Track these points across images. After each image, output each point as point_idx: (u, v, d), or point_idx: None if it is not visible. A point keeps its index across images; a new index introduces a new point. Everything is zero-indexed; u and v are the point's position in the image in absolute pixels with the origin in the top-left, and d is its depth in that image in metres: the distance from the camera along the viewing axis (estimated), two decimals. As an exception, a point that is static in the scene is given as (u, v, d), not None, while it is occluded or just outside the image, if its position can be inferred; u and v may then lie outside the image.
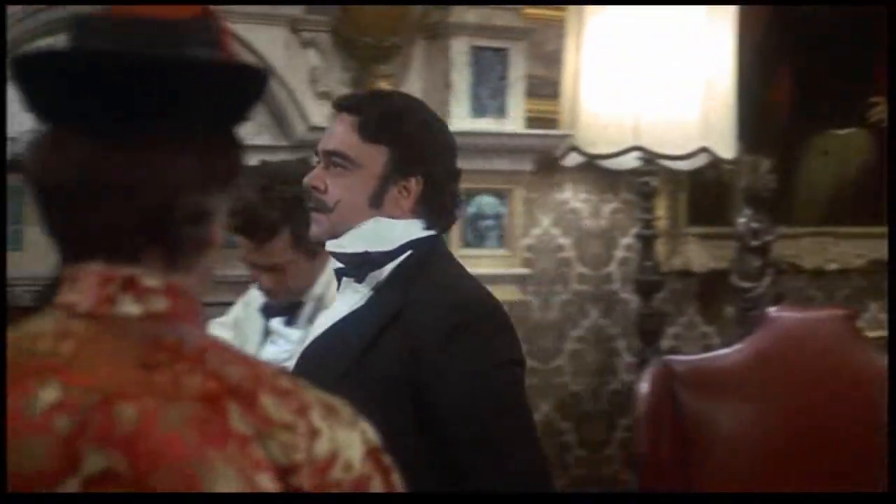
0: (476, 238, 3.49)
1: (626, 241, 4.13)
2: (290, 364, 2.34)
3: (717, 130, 3.66)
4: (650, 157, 3.67)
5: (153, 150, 1.14)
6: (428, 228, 2.02)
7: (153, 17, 1.16)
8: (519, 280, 3.61)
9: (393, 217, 1.99)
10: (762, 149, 4.12)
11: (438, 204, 2.03)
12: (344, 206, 1.98)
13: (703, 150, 3.64)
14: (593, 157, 3.72)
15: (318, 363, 1.97)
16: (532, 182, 3.82)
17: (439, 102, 3.42)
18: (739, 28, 3.75)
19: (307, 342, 2.10)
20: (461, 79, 3.40)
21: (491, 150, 3.46)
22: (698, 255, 4.21)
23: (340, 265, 2.03)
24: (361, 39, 3.29)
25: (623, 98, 3.62)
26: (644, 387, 3.43)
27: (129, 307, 1.14)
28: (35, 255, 2.99)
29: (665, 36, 3.60)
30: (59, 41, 2.83)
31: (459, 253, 3.45)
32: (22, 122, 2.83)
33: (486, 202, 3.51)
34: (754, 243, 4.01)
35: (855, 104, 4.39)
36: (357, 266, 2.00)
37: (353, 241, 1.99)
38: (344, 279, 2.05)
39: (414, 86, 3.46)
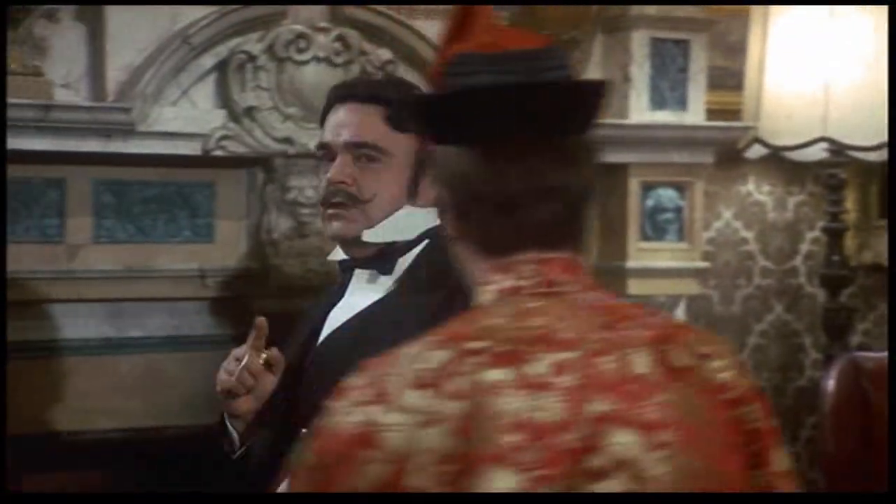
0: (655, 231, 3.46)
1: (813, 234, 4.03)
2: None
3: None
4: (838, 149, 3.57)
5: (574, 155, 1.42)
6: None
7: (521, 49, 1.41)
8: (699, 274, 3.56)
9: (423, 206, 1.93)
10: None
11: None
12: (383, 199, 1.94)
13: None
14: (778, 149, 3.64)
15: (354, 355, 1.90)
16: (713, 175, 3.76)
17: (618, 96, 3.40)
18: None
19: (323, 336, 2.06)
20: (641, 71, 3.38)
21: (670, 142, 3.42)
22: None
23: (350, 258, 1.99)
24: (540, 34, 3.29)
25: (809, 88, 3.53)
26: (830, 384, 3.33)
27: (572, 285, 1.38)
28: (225, 247, 3.12)
29: (855, 23, 3.49)
30: (246, 41, 2.96)
31: (638, 246, 3.45)
32: (211, 120, 2.95)
33: (666, 195, 3.47)
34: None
35: None
36: (381, 258, 1.94)
37: (388, 232, 1.95)
38: (357, 272, 1.99)
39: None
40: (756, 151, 3.69)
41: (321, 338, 2.03)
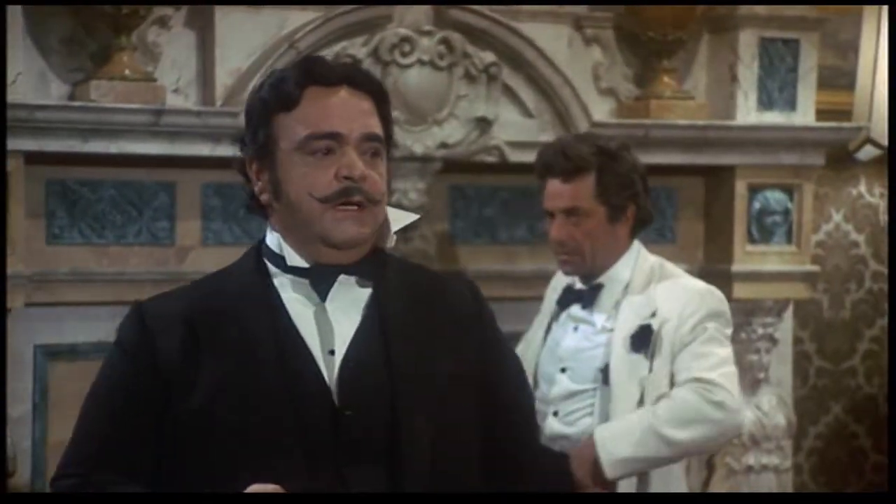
0: (762, 234, 3.40)
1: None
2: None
3: None
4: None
5: None
6: None
7: None
8: (808, 277, 3.49)
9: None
10: None
11: None
12: (384, 199, 1.69)
13: None
14: (890, 150, 3.55)
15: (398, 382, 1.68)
16: (823, 176, 3.68)
17: (725, 97, 3.35)
18: None
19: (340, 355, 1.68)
20: (749, 72, 3.32)
21: (779, 143, 3.37)
22: None
23: (335, 264, 1.67)
24: (645, 34, 3.27)
25: (923, 87, 3.44)
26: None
27: None
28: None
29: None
30: (352, 45, 2.98)
31: (745, 249, 3.39)
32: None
33: (774, 197, 3.41)
34: None
35: None
36: (370, 263, 1.70)
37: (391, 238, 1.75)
38: (342, 278, 1.66)
39: (698, 80, 3.41)
40: (867, 152, 3.61)
41: (340, 357, 1.67)
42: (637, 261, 2.55)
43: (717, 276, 3.36)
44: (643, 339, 2.47)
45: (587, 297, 2.56)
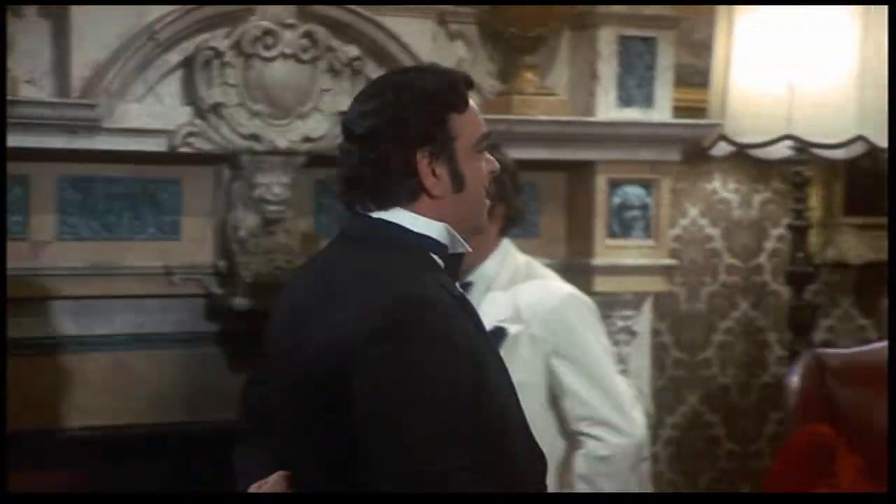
0: (622, 229, 3.47)
1: (778, 231, 4.06)
2: None
3: (873, 118, 3.55)
4: (803, 146, 3.59)
5: None
6: None
7: None
8: (666, 271, 3.58)
9: None
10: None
11: None
12: None
13: (859, 138, 3.54)
14: (743, 147, 3.66)
15: None
16: (680, 172, 3.77)
17: (586, 93, 3.41)
18: (898, 12, 3.63)
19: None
20: (608, 69, 3.38)
21: (637, 140, 3.43)
22: (854, 246, 4.11)
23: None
24: (508, 30, 3.30)
25: (774, 85, 3.55)
26: (795, 380, 3.37)
27: None
28: (191, 245, 3.11)
29: (819, 22, 3.52)
30: (213, 37, 2.93)
31: (605, 244, 3.46)
32: (178, 116, 2.93)
33: (633, 192, 3.48)
34: (914, 234, 3.88)
35: None
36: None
37: None
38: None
39: (560, 76, 3.46)
40: (722, 149, 3.70)
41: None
42: (505, 259, 2.57)
43: (579, 270, 3.41)
44: (496, 338, 2.49)
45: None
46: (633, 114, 3.42)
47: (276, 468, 1.81)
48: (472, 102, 1.85)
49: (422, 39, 3.22)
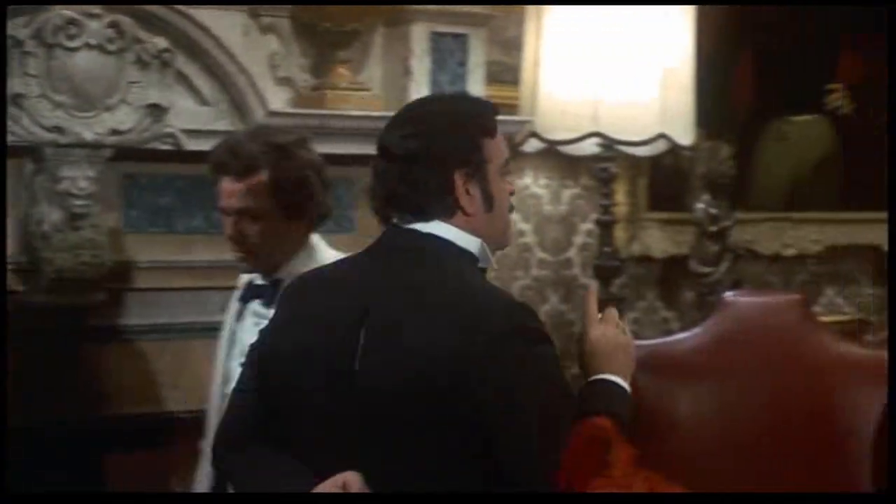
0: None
1: (586, 226, 4.16)
2: None
3: (675, 117, 3.69)
4: (609, 144, 3.70)
5: None
6: None
7: None
8: (479, 265, 3.62)
9: None
10: (722, 135, 4.16)
11: None
12: None
13: (662, 136, 3.66)
14: (553, 143, 3.74)
15: None
16: (492, 168, 3.83)
17: (399, 88, 3.42)
18: (699, 14, 3.77)
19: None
20: (421, 65, 3.41)
21: (451, 135, 3.47)
22: (658, 241, 4.25)
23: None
24: (321, 25, 3.29)
25: (582, 84, 3.64)
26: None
27: None
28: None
29: (624, 22, 3.63)
30: (12, 26, 2.83)
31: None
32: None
33: (446, 188, 3.51)
34: (713, 229, 4.05)
35: (815, 91, 4.44)
36: None
37: None
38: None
39: (374, 72, 3.47)
40: (532, 145, 3.78)
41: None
42: (314, 256, 2.56)
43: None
44: None
45: (267, 292, 2.55)
46: (445, 110, 3.45)
47: (327, 469, 1.87)
48: (499, 129, 2.01)
49: (233, 33, 3.18)
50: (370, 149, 3.35)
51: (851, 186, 4.51)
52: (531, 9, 3.73)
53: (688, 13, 3.73)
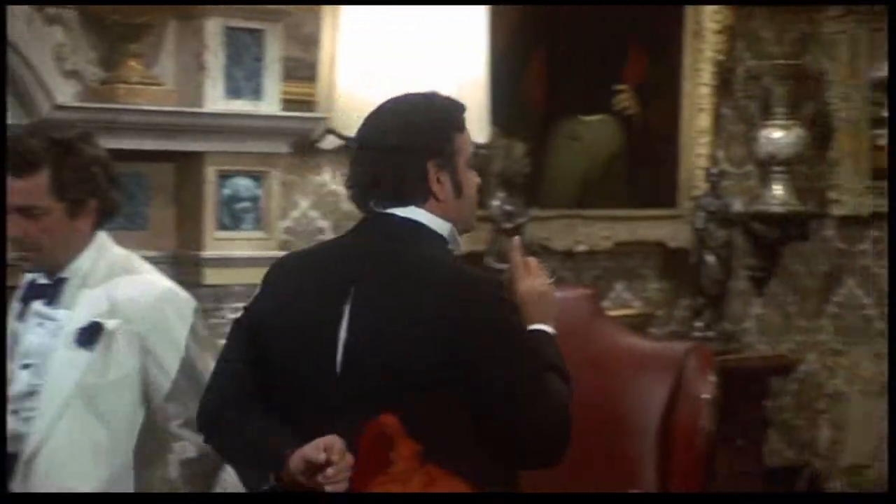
0: (232, 221, 3.46)
1: (385, 223, 4.18)
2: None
3: (470, 115, 3.70)
4: (406, 141, 3.72)
5: None
6: None
7: None
8: (276, 262, 3.59)
9: None
10: (516, 133, 4.24)
11: None
12: None
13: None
14: (350, 140, 3.73)
15: None
16: (290, 164, 3.81)
17: (193, 83, 3.37)
18: (493, 13, 3.84)
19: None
20: (215, 60, 3.36)
21: (246, 131, 3.44)
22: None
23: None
24: (110, 17, 3.20)
25: (379, 82, 3.65)
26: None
27: None
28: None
29: (419, 20, 3.66)
30: None
31: (215, 236, 3.44)
32: None
33: (243, 184, 3.48)
34: (507, 225, 4.12)
35: (604, 91, 4.58)
36: None
37: None
38: None
39: (167, 66, 3.40)
40: (330, 142, 3.77)
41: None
42: (101, 253, 2.50)
43: (189, 262, 3.38)
44: (91, 335, 2.42)
45: (50, 292, 2.47)
46: (241, 105, 3.42)
47: (314, 434, 1.99)
48: (465, 126, 2.25)
49: (15, 23, 3.06)
50: (164, 144, 3.32)
51: (637, 185, 4.67)
52: (327, 6, 3.72)
53: (482, 13, 3.79)
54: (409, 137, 2.17)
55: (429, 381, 2.03)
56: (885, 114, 4.76)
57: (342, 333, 2.07)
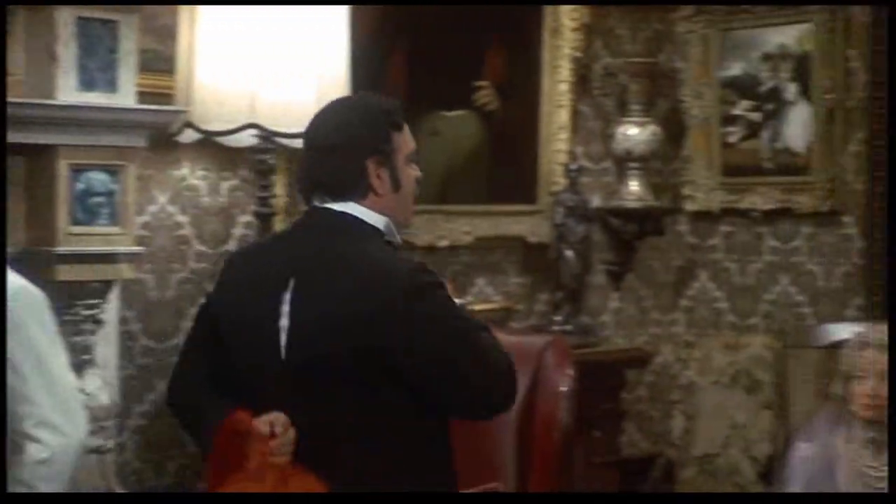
0: (87, 216, 3.38)
1: (245, 218, 4.14)
2: None
3: (331, 110, 3.72)
4: (266, 135, 3.70)
5: None
6: None
7: None
8: (133, 258, 3.53)
9: None
10: (377, 129, 4.24)
11: None
12: None
13: (318, 129, 3.69)
14: (209, 134, 3.70)
15: None
16: (147, 158, 3.74)
17: (45, 75, 3.28)
18: (354, 10, 3.84)
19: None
20: (67, 51, 3.27)
21: (101, 124, 3.35)
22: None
23: None
24: (-48, 5, 3.09)
25: (239, 76, 3.62)
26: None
27: None
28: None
29: (280, 15, 3.63)
30: None
31: (69, 230, 3.35)
32: None
33: (97, 178, 3.40)
34: (369, 220, 4.12)
35: (464, 88, 4.61)
36: None
37: None
38: None
39: (16, 57, 3.30)
40: (189, 136, 3.72)
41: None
42: None
43: (41, 259, 3.29)
44: None
45: None
46: (95, 98, 3.34)
47: (265, 411, 2.22)
48: (405, 124, 2.43)
49: None
50: (14, 137, 3.21)
51: (498, 180, 4.73)
52: (184, -3, 3.67)
53: (343, 10, 3.78)
54: (348, 137, 2.35)
55: (360, 364, 2.22)
56: (735, 112, 4.92)
57: (284, 321, 2.28)
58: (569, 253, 4.66)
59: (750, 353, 4.92)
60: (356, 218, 2.35)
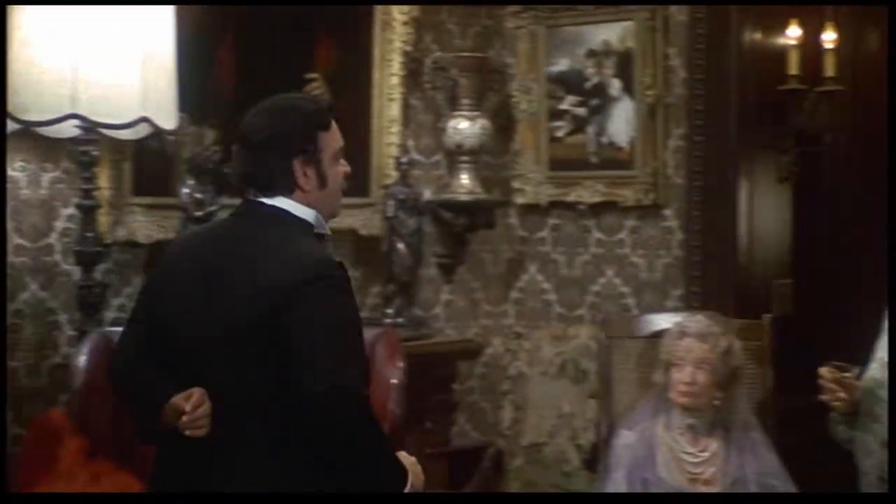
0: None
1: (68, 211, 4.04)
2: None
3: (157, 100, 3.66)
4: (89, 126, 3.61)
5: None
6: None
7: None
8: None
9: None
10: (206, 120, 4.18)
11: None
12: None
13: (144, 119, 3.62)
14: (29, 125, 3.58)
15: None
16: (-41, 149, 3.60)
17: None
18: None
19: None
20: None
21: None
22: (144, 226, 4.20)
23: None
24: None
25: (60, 64, 3.52)
26: (81, 360, 3.39)
27: None
28: None
29: (101, 3, 3.54)
30: None
31: None
32: None
33: None
34: (198, 213, 4.07)
35: (296, 78, 4.58)
36: None
37: None
38: None
39: None
40: (8, 127, 3.60)
41: None
42: None
43: None
44: None
45: None
46: None
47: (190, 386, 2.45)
48: (333, 123, 2.60)
49: None
50: None
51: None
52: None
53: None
54: (276, 138, 2.53)
55: (263, 339, 2.38)
56: (562, 107, 5.03)
57: (211, 300, 2.46)
58: (400, 246, 4.69)
59: (576, 344, 5.05)
60: (285, 211, 2.53)
